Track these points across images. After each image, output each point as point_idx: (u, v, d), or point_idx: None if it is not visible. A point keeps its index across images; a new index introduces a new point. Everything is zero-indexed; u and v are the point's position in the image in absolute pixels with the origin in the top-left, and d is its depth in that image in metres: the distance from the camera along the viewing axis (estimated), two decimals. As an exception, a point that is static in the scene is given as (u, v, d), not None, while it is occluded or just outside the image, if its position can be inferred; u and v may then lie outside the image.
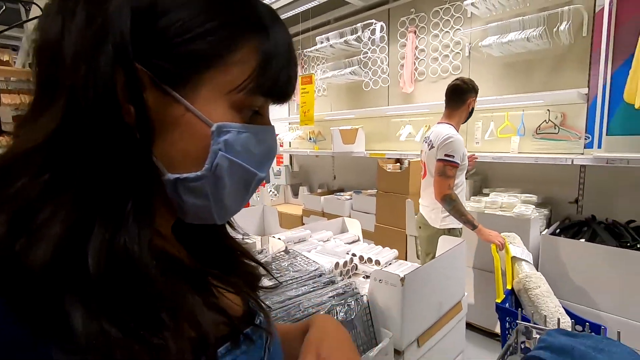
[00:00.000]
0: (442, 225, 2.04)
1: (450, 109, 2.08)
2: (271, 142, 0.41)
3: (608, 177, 2.34)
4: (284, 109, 4.70)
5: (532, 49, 2.50)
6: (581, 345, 0.82)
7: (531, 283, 1.69)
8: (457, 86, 2.04)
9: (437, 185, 1.95)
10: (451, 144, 1.92)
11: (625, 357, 0.79)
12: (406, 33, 3.23)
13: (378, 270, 1.21)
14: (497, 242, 1.90)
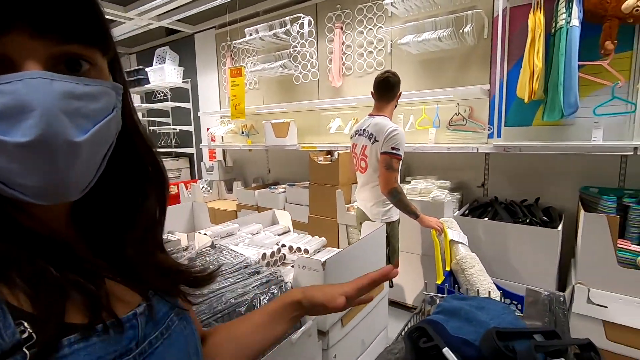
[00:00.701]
0: (384, 220, 2.07)
1: (382, 101, 2.12)
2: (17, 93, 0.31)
3: (507, 162, 2.68)
4: (214, 102, 4.55)
5: (443, 48, 2.74)
6: (467, 306, 0.96)
7: (467, 263, 1.80)
8: (388, 79, 2.08)
9: (383, 179, 1.97)
10: (397, 137, 1.95)
11: (499, 311, 0.95)
12: (333, 28, 3.32)
13: (301, 257, 1.25)
14: (436, 227, 1.99)
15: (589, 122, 2.21)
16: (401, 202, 1.99)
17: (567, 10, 2.06)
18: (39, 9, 0.31)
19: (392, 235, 2.13)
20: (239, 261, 1.32)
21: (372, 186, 2.11)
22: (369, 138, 2.07)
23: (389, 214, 2.10)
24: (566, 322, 1.00)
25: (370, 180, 2.12)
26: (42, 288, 0.32)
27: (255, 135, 4.11)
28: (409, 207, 1.99)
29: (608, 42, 2.01)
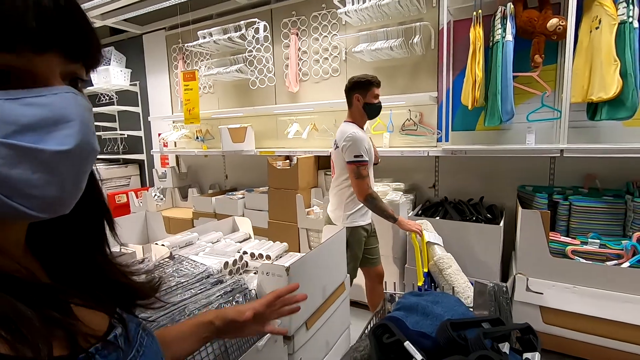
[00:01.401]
0: (346, 224, 2.07)
1: (348, 108, 2.14)
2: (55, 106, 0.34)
3: (455, 164, 2.88)
4: (166, 107, 4.37)
5: (395, 57, 2.88)
6: (424, 301, 1.04)
7: (444, 264, 1.83)
8: (345, 87, 2.11)
9: (356, 188, 1.98)
10: (353, 143, 1.93)
11: (452, 303, 1.03)
12: (289, 34, 3.35)
13: (265, 264, 1.26)
14: (415, 229, 1.99)
15: (524, 127, 2.44)
16: (377, 207, 1.99)
17: (502, 26, 2.27)
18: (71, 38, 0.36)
19: (351, 241, 2.07)
20: (201, 271, 1.29)
21: (336, 191, 2.12)
22: (334, 144, 2.12)
23: (350, 219, 2.09)
24: (509, 310, 1.11)
25: (335, 185, 2.14)
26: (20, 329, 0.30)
27: (211, 141, 4.01)
28: (386, 211, 1.99)
29: (537, 55, 2.25)
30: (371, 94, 2.04)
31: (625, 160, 2.25)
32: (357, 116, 2.09)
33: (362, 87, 2.03)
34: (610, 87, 1.97)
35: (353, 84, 2.05)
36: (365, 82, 2.02)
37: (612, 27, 1.99)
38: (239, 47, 3.57)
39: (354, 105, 2.08)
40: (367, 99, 2.04)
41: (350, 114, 2.12)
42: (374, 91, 2.04)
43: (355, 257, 2.13)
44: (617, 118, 2.02)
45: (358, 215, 2.10)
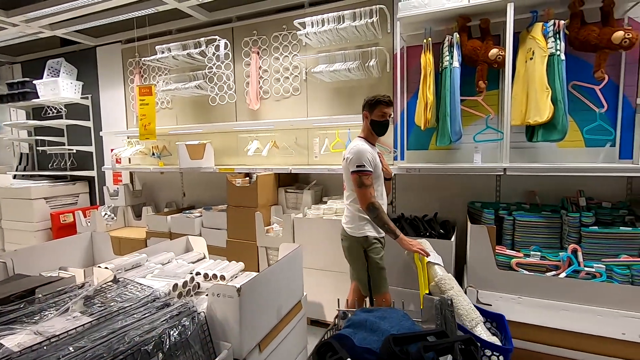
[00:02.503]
0: (360, 234, 2.08)
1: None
2: None
3: (410, 182, 2.99)
4: (120, 121, 4.19)
5: (353, 78, 2.99)
6: (372, 317, 1.06)
7: (446, 285, 1.78)
8: None
9: (359, 197, 2.02)
10: (355, 154, 2.01)
11: (399, 318, 1.06)
12: (250, 53, 3.37)
13: (215, 285, 1.22)
14: (418, 250, 1.94)
15: (471, 147, 2.61)
16: (379, 218, 1.98)
17: (450, 53, 2.44)
18: None
19: (371, 250, 2.07)
20: (146, 295, 1.23)
21: (349, 202, 2.15)
22: (343, 157, 2.16)
23: (364, 229, 2.07)
24: (454, 322, 1.16)
25: (346, 196, 2.18)
26: None
27: (168, 157, 3.88)
28: (387, 224, 1.97)
29: (481, 81, 2.43)
30: (378, 111, 2.11)
31: (560, 178, 2.46)
32: (366, 132, 2.18)
33: (370, 106, 2.13)
34: (543, 112, 2.16)
35: (365, 102, 2.16)
36: (374, 102, 2.11)
37: (544, 58, 2.20)
38: (199, 64, 3.54)
39: (364, 122, 2.18)
40: (373, 116, 2.12)
41: (362, 130, 2.22)
42: (382, 109, 2.10)
43: (379, 267, 2.08)
44: (551, 140, 2.22)
45: (370, 225, 2.09)
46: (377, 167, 2.10)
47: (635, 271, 1.96)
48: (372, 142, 2.18)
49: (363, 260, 2.07)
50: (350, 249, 2.12)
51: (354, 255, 2.11)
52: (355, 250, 2.09)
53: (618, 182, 2.44)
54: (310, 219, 2.63)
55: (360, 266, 2.09)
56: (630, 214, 2.24)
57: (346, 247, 2.15)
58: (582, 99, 2.33)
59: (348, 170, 2.06)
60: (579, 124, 2.37)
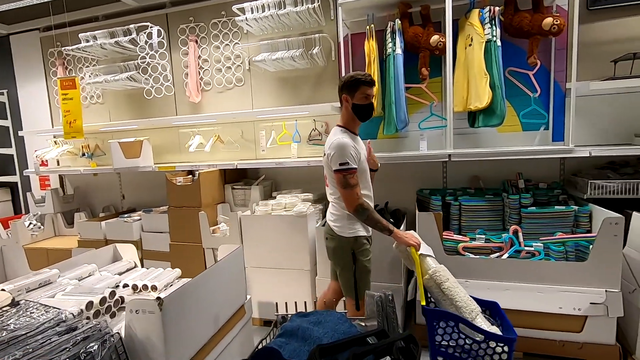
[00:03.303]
0: (350, 234, 1.84)
1: (340, 109, 1.93)
2: None
3: (361, 172, 2.95)
4: (44, 120, 3.75)
5: (298, 67, 2.87)
6: (306, 323, 0.97)
7: (441, 277, 1.67)
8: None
9: (345, 199, 1.77)
10: (338, 150, 1.73)
11: (334, 322, 0.99)
12: (187, 41, 3.13)
13: (132, 300, 1.07)
14: (413, 243, 1.78)
15: (418, 135, 2.61)
16: (370, 219, 1.77)
17: (392, 40, 2.40)
18: None
19: (360, 251, 1.86)
20: (48, 319, 1.05)
21: (333, 200, 1.91)
22: (323, 151, 1.90)
23: (354, 229, 1.84)
24: (395, 319, 1.10)
25: (330, 193, 1.94)
26: None
27: (103, 157, 3.54)
28: (379, 223, 1.78)
29: (424, 68, 2.43)
30: (360, 93, 1.80)
31: (501, 162, 2.54)
32: (347, 119, 1.87)
33: (350, 87, 1.81)
34: (483, 98, 2.20)
35: (341, 84, 1.85)
36: (353, 82, 1.80)
37: (481, 44, 2.23)
38: (131, 53, 3.24)
39: (343, 107, 1.88)
40: (355, 99, 1.81)
41: (341, 117, 1.91)
42: (364, 90, 1.80)
43: (366, 270, 1.88)
44: (491, 125, 2.26)
45: (360, 225, 1.87)
46: (362, 161, 1.85)
47: (569, 247, 2.07)
48: (354, 131, 1.90)
49: (351, 263, 1.85)
50: (337, 249, 1.88)
51: (340, 257, 1.88)
52: (342, 252, 1.86)
53: (552, 164, 2.56)
54: (259, 216, 2.51)
55: (347, 269, 1.87)
56: (564, 194, 2.36)
57: (332, 248, 1.91)
58: (517, 84, 2.40)
59: (330, 167, 1.81)
60: (516, 108, 2.45)
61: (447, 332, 1.52)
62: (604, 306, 1.89)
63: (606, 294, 1.88)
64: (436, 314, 1.55)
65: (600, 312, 1.90)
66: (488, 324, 1.55)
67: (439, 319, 1.53)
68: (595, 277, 1.90)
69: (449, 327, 1.51)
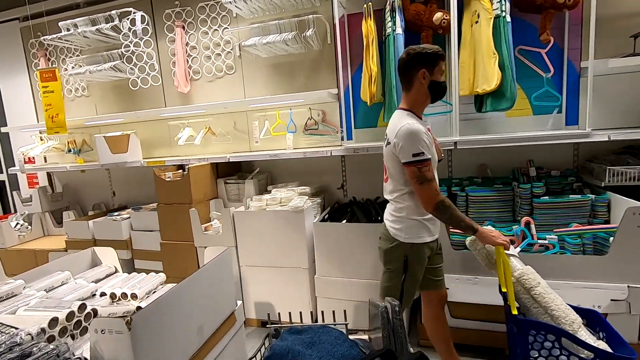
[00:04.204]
0: (407, 239, 1.60)
1: (404, 90, 1.64)
2: None
3: (360, 163, 2.79)
4: (28, 115, 3.58)
5: (292, 52, 2.69)
6: (298, 345, 0.83)
7: (530, 281, 1.45)
8: (400, 61, 1.60)
9: (423, 196, 1.52)
10: (409, 140, 1.47)
11: (331, 343, 0.84)
12: (174, 27, 2.94)
13: (97, 319, 0.92)
14: (503, 242, 1.53)
15: (421, 122, 2.43)
16: (453, 218, 1.52)
17: (392, 19, 2.21)
18: None
19: (412, 261, 1.63)
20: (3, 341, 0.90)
21: (393, 198, 1.66)
22: (385, 140, 1.64)
23: (413, 235, 1.61)
24: (404, 333, 0.96)
25: (389, 190, 1.68)
26: None
27: (90, 153, 3.38)
28: (463, 221, 1.53)
29: (426, 49, 2.24)
30: (439, 69, 1.56)
31: (510, 149, 2.37)
32: (418, 100, 1.60)
33: (429, 61, 1.54)
34: (491, 79, 2.02)
35: (416, 56, 1.55)
36: (433, 55, 1.54)
37: (489, 21, 2.05)
38: (114, 42, 3.05)
39: (415, 86, 1.57)
40: (435, 76, 1.56)
41: (409, 99, 1.62)
42: (442, 66, 1.57)
43: (415, 280, 1.66)
44: (500, 109, 2.09)
45: (424, 229, 1.62)
46: (433, 152, 1.57)
47: (587, 239, 1.91)
48: (420, 115, 1.63)
49: (401, 270, 1.64)
50: (389, 252, 1.66)
51: (390, 261, 1.66)
52: (394, 256, 1.64)
53: (565, 149, 2.39)
54: (252, 211, 2.36)
55: (395, 275, 1.66)
56: (578, 181, 2.20)
57: (383, 250, 1.70)
58: (528, 63, 2.22)
59: (395, 159, 1.55)
60: (526, 91, 2.27)
61: (546, 348, 1.31)
62: (626, 303, 1.74)
63: (628, 289, 1.73)
64: (533, 325, 1.33)
65: (622, 309, 1.75)
66: (593, 338, 1.34)
67: (537, 331, 1.31)
68: (616, 271, 1.75)
69: (548, 341, 1.31)
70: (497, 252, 1.53)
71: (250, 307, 2.46)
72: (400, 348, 0.91)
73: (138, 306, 1.34)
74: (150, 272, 2.69)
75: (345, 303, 2.18)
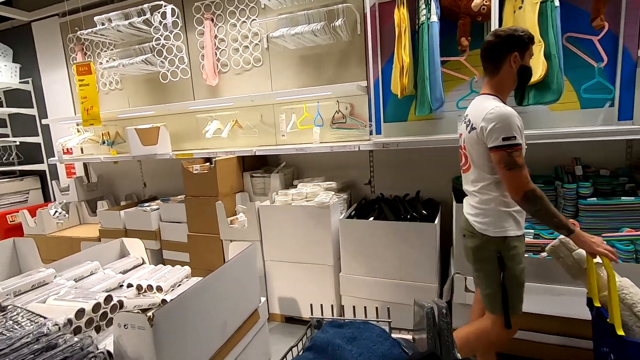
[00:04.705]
0: (497, 233, 1.46)
1: (487, 74, 1.54)
2: None
3: (389, 158, 2.70)
4: (67, 107, 3.73)
5: (320, 43, 2.62)
6: (339, 339, 0.79)
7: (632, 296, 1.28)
8: (487, 44, 1.49)
9: (511, 183, 1.38)
10: (500, 123, 1.35)
11: (373, 340, 0.79)
12: (203, 20, 2.95)
13: (120, 314, 0.91)
14: (606, 252, 1.32)
15: (455, 116, 2.31)
16: (544, 212, 1.35)
17: (427, 6, 2.09)
18: None
19: (509, 256, 1.46)
20: (27, 332, 0.91)
21: (475, 190, 1.52)
22: (467, 125, 1.52)
23: (504, 227, 1.46)
24: (451, 338, 0.88)
25: (472, 180, 1.54)
26: None
27: (123, 144, 3.48)
28: (555, 217, 1.36)
29: (463, 38, 2.11)
30: (529, 53, 1.49)
31: (554, 146, 2.19)
32: (505, 85, 1.51)
33: (522, 44, 1.45)
34: (536, 69, 1.86)
35: (509, 38, 1.45)
36: (525, 38, 1.45)
37: (535, 5, 1.88)
38: (146, 35, 3.10)
39: (504, 70, 1.47)
40: (525, 60, 1.48)
41: (494, 83, 1.51)
42: (532, 51, 1.51)
43: (517, 280, 1.48)
44: (544, 102, 1.93)
45: (514, 221, 1.47)
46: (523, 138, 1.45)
47: (640, 246, 1.74)
48: (505, 101, 1.51)
49: (497, 269, 1.46)
50: (478, 251, 1.51)
51: (482, 260, 1.51)
52: (486, 254, 1.48)
53: (617, 147, 2.19)
54: (278, 206, 2.33)
55: (492, 276, 1.49)
56: (631, 182, 2.00)
57: (472, 248, 1.54)
58: (578, 52, 2.03)
59: (481, 145, 1.43)
60: (573, 83, 2.09)
61: None
62: (686, 318, 1.56)
63: (690, 304, 1.55)
64: None
65: (681, 325, 1.58)
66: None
67: None
68: (675, 283, 1.58)
69: None
70: (589, 260, 1.36)
71: (274, 302, 2.45)
72: (447, 353, 0.84)
73: (163, 299, 1.34)
74: (177, 263, 2.75)
75: (371, 303, 2.11)
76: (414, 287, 2.05)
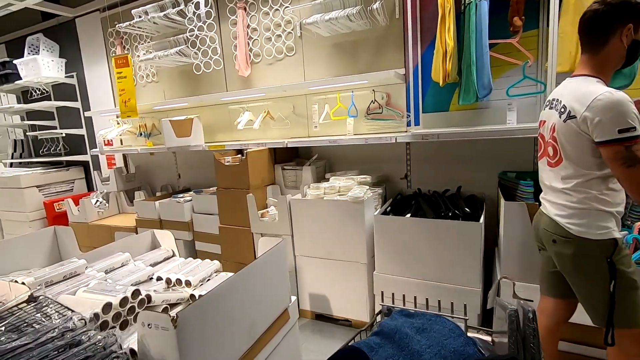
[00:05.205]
0: (601, 235, 1.24)
1: (586, 52, 1.30)
2: None
3: (427, 151, 2.53)
4: (107, 100, 3.86)
5: (355, 29, 2.48)
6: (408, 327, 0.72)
7: None
8: (593, 13, 1.25)
9: (631, 182, 1.17)
10: (613, 111, 1.14)
11: (444, 334, 0.70)
12: (235, 9, 2.90)
13: (144, 312, 0.86)
14: None
15: (504, 104, 2.10)
16: None
17: (475, -17, 1.90)
18: None
19: (620, 259, 1.25)
20: (53, 327, 0.89)
21: (568, 187, 1.30)
22: (561, 113, 1.28)
23: (609, 228, 1.25)
24: (537, 345, 0.75)
25: (563, 177, 1.31)
26: None
27: (158, 136, 3.54)
28: None
29: (516, 18, 1.90)
30: None
31: (620, 138, 1.94)
32: (609, 63, 1.28)
33: (637, 14, 1.22)
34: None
35: (622, 6, 1.22)
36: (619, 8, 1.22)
37: (605, -23, 1.64)
38: (181, 27, 3.10)
39: (611, 44, 1.24)
40: (638, 34, 1.25)
41: (595, 61, 1.28)
42: None
43: (633, 284, 1.26)
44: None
45: (615, 223, 1.27)
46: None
47: None
48: (608, 84, 1.29)
49: (607, 276, 1.25)
50: (581, 259, 1.29)
51: (588, 269, 1.29)
52: (592, 261, 1.27)
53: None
54: (309, 200, 2.25)
55: (599, 285, 1.27)
56: None
57: (570, 256, 1.31)
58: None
59: (582, 136, 1.22)
60: (647, 65, 1.82)
61: None
62: None
63: None
64: None
65: None
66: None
67: None
68: None
69: None
70: None
71: (305, 298, 2.38)
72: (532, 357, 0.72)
73: (192, 294, 1.30)
74: (209, 254, 2.75)
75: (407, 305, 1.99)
76: (454, 291, 1.90)
